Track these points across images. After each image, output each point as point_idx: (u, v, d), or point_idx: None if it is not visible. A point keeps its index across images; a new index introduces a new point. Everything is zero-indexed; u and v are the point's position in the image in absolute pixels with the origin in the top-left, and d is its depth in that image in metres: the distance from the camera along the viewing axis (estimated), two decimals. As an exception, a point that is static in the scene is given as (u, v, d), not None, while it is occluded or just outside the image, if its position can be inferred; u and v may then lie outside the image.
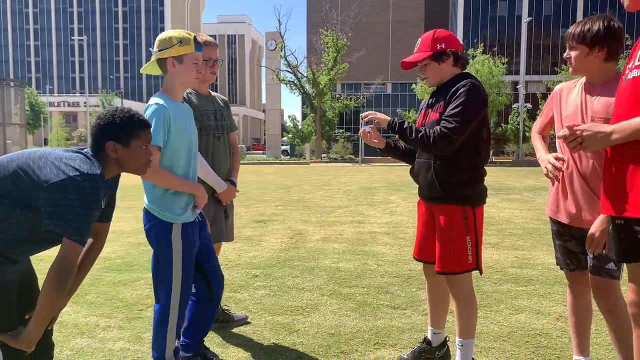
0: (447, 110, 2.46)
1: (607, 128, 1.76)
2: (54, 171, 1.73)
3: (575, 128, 1.83)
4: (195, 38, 2.50)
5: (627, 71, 1.80)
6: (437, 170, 2.52)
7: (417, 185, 2.72)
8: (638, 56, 1.73)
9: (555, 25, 64.53)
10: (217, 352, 3.00)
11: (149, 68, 2.60)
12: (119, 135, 1.91)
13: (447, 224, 2.53)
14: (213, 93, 3.26)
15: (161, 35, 2.51)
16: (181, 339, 2.73)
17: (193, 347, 2.75)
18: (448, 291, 2.78)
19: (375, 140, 2.67)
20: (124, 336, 3.28)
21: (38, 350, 1.88)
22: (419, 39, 2.65)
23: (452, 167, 2.51)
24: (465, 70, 2.67)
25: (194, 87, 2.62)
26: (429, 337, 2.86)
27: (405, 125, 2.52)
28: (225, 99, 3.35)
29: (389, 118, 2.59)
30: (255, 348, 3.11)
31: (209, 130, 3.08)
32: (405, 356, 2.88)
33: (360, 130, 2.68)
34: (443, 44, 2.56)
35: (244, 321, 3.54)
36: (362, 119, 2.67)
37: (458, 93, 2.45)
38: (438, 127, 2.43)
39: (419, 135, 2.46)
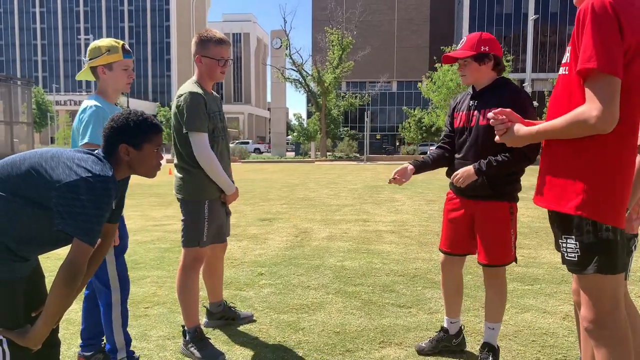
0: None
1: (524, 131, 1.89)
2: (66, 171, 1.74)
3: (507, 120, 1.95)
4: (123, 46, 2.66)
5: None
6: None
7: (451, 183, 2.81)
8: (567, 55, 1.80)
9: (562, 22, 64.14)
10: (223, 350, 3.01)
11: (84, 75, 2.75)
12: (132, 139, 1.92)
13: (495, 220, 2.67)
14: (213, 92, 3.20)
15: (91, 45, 2.69)
16: (81, 342, 2.82)
17: (92, 347, 2.83)
18: (462, 282, 2.94)
19: (405, 180, 2.83)
20: (130, 333, 3.28)
21: (44, 347, 1.89)
22: (465, 37, 2.75)
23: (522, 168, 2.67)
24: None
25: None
26: (446, 325, 2.98)
27: (492, 165, 2.58)
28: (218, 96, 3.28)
29: (473, 170, 2.62)
30: (261, 346, 3.12)
31: (219, 132, 3.02)
32: (424, 344, 2.97)
33: (391, 179, 2.83)
34: (487, 47, 2.64)
35: (249, 319, 3.55)
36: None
37: (520, 105, 2.48)
38: (522, 152, 2.50)
39: (504, 167, 2.57)
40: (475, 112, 2.68)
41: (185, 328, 3.01)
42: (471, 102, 2.74)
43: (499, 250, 2.67)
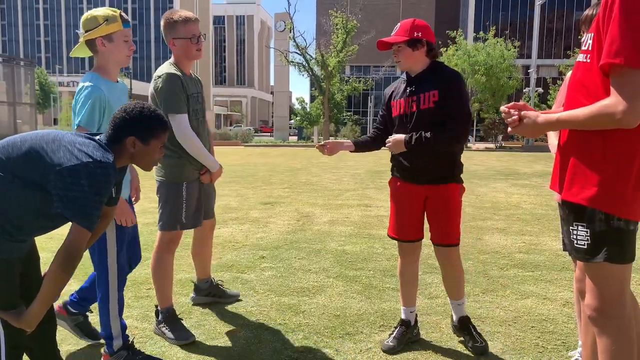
0: (452, 107, 2.62)
1: (543, 119, 1.80)
2: (66, 155, 1.73)
3: (522, 113, 1.87)
4: (121, 14, 2.44)
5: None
6: (445, 153, 2.71)
7: (407, 169, 2.81)
8: (586, 40, 1.73)
9: (569, 8, 63.27)
10: (223, 331, 3.03)
11: (78, 51, 2.52)
12: (142, 133, 1.92)
13: (451, 201, 2.76)
14: (193, 74, 3.10)
15: (85, 16, 2.44)
16: (73, 295, 2.84)
17: (80, 307, 2.87)
18: (418, 269, 3.00)
19: (332, 152, 2.96)
20: (132, 314, 3.32)
21: (40, 323, 1.90)
22: (399, 23, 2.75)
23: (454, 150, 2.75)
24: (438, 59, 2.80)
25: (125, 65, 2.55)
26: (405, 317, 2.95)
27: (421, 142, 2.64)
28: (200, 79, 3.19)
29: (403, 138, 2.70)
30: (262, 328, 3.14)
31: (197, 114, 2.97)
32: (391, 343, 2.86)
33: (319, 145, 2.94)
34: (420, 33, 2.66)
35: (235, 298, 3.59)
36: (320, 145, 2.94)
37: (456, 87, 2.64)
38: (457, 128, 2.62)
39: (444, 140, 2.63)
40: (414, 97, 2.70)
41: (159, 308, 3.03)
42: (408, 88, 2.75)
43: (455, 230, 2.78)
